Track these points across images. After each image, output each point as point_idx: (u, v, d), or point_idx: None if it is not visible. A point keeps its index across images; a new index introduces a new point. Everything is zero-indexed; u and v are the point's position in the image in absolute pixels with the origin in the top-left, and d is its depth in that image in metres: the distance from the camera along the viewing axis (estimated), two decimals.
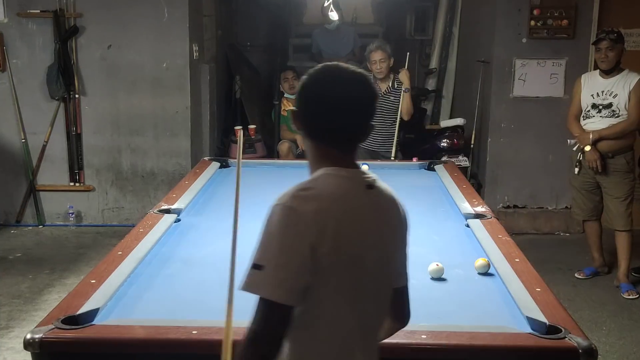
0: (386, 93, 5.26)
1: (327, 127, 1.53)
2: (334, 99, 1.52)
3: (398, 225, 1.61)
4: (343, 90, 1.52)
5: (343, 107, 1.51)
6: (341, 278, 1.47)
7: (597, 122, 4.50)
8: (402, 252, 1.64)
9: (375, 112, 1.57)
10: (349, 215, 1.48)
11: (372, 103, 1.56)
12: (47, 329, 1.84)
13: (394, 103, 5.23)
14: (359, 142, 1.57)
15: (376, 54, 5.16)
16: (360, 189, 1.53)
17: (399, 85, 5.23)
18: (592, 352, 1.78)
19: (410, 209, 3.30)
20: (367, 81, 1.55)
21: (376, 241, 1.53)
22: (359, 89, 1.53)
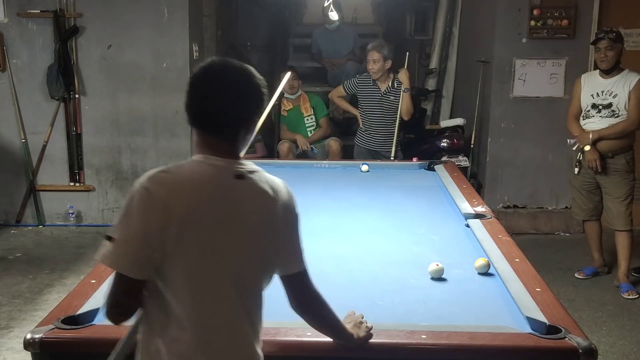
0: (386, 93, 5.26)
1: (198, 113, 1.59)
2: (204, 86, 1.58)
3: (273, 215, 1.62)
4: (214, 79, 1.58)
5: (212, 95, 1.57)
6: (190, 262, 1.53)
7: (597, 122, 4.50)
8: (286, 241, 1.67)
9: (256, 106, 1.62)
10: (204, 202, 1.53)
11: (244, 95, 1.59)
12: (47, 329, 1.84)
13: (394, 103, 5.23)
14: (233, 132, 1.61)
15: (371, 54, 5.19)
16: (226, 178, 1.57)
17: (398, 85, 5.23)
18: (592, 352, 1.78)
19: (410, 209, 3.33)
20: (244, 73, 1.61)
21: (238, 229, 1.57)
22: (231, 78, 1.59)
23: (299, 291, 1.72)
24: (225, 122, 1.59)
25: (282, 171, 4.11)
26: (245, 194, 1.59)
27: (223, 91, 1.58)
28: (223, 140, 1.60)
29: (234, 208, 1.57)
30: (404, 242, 2.81)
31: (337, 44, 7.02)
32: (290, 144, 5.87)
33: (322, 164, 4.38)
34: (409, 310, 2.12)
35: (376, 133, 5.36)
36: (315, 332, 1.85)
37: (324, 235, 2.87)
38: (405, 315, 2.07)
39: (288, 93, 5.94)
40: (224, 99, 1.58)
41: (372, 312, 2.10)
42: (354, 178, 3.98)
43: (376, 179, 3.96)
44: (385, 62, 5.17)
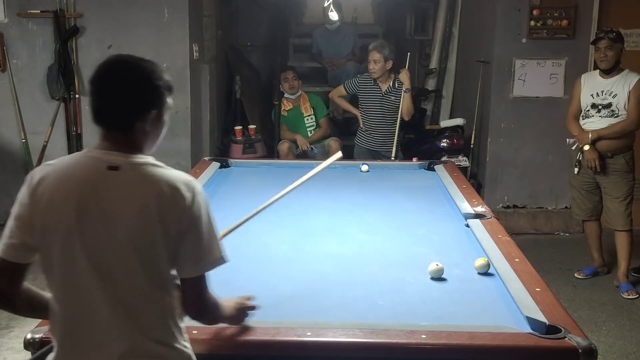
0: (387, 93, 5.27)
1: (91, 108, 1.66)
2: (95, 82, 1.65)
3: (147, 210, 1.57)
4: (103, 75, 1.65)
5: (100, 90, 1.64)
6: (56, 250, 1.59)
7: (597, 122, 4.50)
8: (175, 241, 1.60)
9: (146, 100, 1.64)
10: (68, 192, 1.58)
11: (131, 89, 1.62)
12: (47, 328, 1.84)
13: (394, 103, 5.24)
14: (124, 125, 1.63)
15: (372, 54, 5.21)
16: (98, 169, 1.59)
17: (399, 85, 5.23)
18: (592, 352, 1.78)
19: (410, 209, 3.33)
20: (133, 68, 1.65)
21: (103, 221, 1.57)
22: (119, 74, 1.64)
23: (189, 296, 1.67)
24: (113, 115, 1.63)
25: (282, 171, 4.14)
26: (115, 186, 1.59)
27: (109, 86, 1.62)
28: (117, 133, 1.63)
29: (99, 199, 1.57)
30: (404, 242, 2.82)
31: (337, 44, 7.02)
32: (290, 144, 5.87)
33: None
34: (408, 310, 2.13)
35: (377, 133, 5.37)
36: (316, 332, 1.86)
37: (324, 235, 2.88)
38: (405, 315, 2.07)
39: (288, 93, 5.94)
40: (110, 93, 1.62)
41: (372, 312, 2.11)
42: (354, 178, 3.99)
43: (376, 179, 3.96)
44: (386, 62, 5.18)
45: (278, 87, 6.12)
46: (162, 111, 1.70)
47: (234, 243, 2.73)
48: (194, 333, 1.83)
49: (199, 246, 1.63)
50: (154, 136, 1.70)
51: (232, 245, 2.70)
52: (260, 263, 2.54)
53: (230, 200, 3.41)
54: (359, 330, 1.89)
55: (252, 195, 3.52)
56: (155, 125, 1.68)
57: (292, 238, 2.83)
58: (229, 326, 1.88)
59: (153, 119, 1.66)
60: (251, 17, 7.64)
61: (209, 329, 1.86)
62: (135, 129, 1.63)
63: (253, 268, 2.48)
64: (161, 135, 1.74)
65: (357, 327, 1.91)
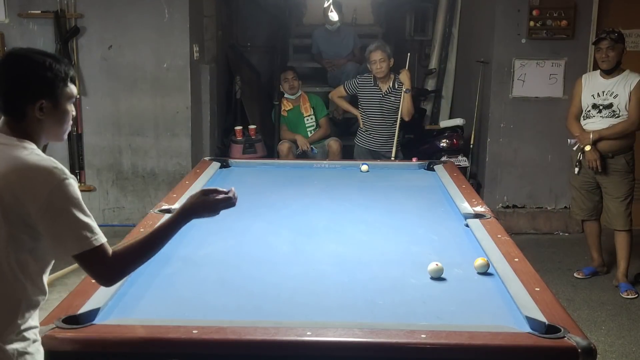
0: (387, 93, 5.28)
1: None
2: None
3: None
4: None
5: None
6: None
7: (598, 122, 4.51)
8: (19, 226, 1.69)
9: (19, 87, 1.75)
10: None
11: (5, 77, 1.75)
12: (47, 328, 1.85)
13: (395, 103, 5.25)
14: (2, 112, 1.78)
15: (376, 54, 5.22)
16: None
17: (399, 85, 5.24)
18: (591, 351, 1.78)
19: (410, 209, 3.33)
20: (8, 60, 1.79)
21: None
22: (2, 64, 1.78)
23: (86, 271, 1.78)
24: (4, 104, 1.77)
25: (282, 171, 4.15)
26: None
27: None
28: (12, 120, 1.77)
29: None
30: (404, 241, 2.82)
31: (337, 45, 7.02)
32: (290, 144, 5.88)
33: (322, 164, 4.39)
34: (408, 309, 2.13)
35: (377, 133, 5.38)
36: (316, 332, 1.86)
37: (324, 235, 2.88)
38: (404, 315, 2.08)
39: (288, 93, 5.95)
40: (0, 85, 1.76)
41: (371, 311, 2.11)
42: (354, 178, 3.99)
43: (376, 179, 3.96)
44: (389, 60, 5.22)
45: (278, 88, 6.13)
46: (56, 100, 1.79)
47: (234, 243, 2.75)
48: (194, 333, 1.84)
49: (59, 230, 1.70)
50: (51, 124, 1.80)
51: (232, 245, 2.72)
52: (260, 263, 2.55)
53: None
54: (359, 330, 1.90)
55: (252, 195, 3.53)
56: (51, 114, 1.78)
57: (292, 238, 2.83)
58: (229, 326, 1.88)
59: (46, 107, 1.76)
60: (251, 17, 7.64)
61: (210, 329, 1.87)
62: (29, 117, 1.76)
63: (253, 268, 2.49)
64: (64, 123, 1.84)
65: (357, 327, 1.92)
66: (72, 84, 1.85)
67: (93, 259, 1.73)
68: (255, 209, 3.24)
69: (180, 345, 1.83)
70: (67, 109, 1.84)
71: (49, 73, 1.76)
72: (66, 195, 1.72)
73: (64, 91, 1.81)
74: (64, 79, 1.80)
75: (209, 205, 1.94)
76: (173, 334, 1.85)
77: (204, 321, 1.94)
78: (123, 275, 1.84)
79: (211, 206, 1.94)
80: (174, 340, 1.83)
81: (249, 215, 3.13)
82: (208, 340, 1.83)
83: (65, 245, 1.72)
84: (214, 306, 2.13)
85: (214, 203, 1.94)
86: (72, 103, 1.86)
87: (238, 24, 7.63)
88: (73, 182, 1.76)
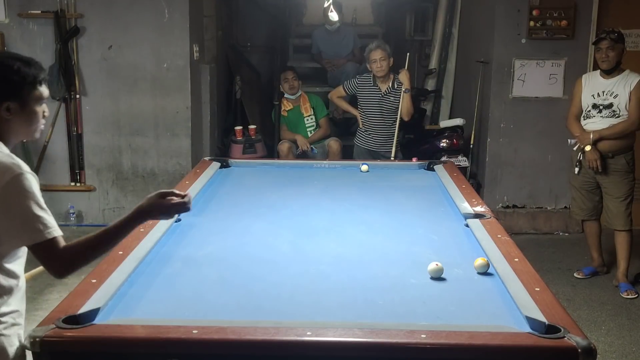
0: (386, 93, 5.28)
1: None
2: None
3: None
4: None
5: None
6: None
7: (598, 122, 4.51)
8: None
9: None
10: None
11: None
12: (48, 328, 1.85)
13: (394, 103, 5.25)
14: None
15: (376, 53, 5.22)
16: None
17: (399, 85, 5.25)
18: (591, 351, 1.78)
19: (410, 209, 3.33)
20: None
21: None
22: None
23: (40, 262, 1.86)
24: None
25: (282, 171, 4.14)
26: None
27: None
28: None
29: None
30: (404, 241, 2.82)
31: (337, 45, 7.03)
32: (291, 144, 5.88)
33: (322, 164, 4.39)
34: (408, 309, 2.13)
35: (376, 133, 5.38)
36: (316, 331, 1.86)
37: (324, 235, 2.88)
38: (404, 315, 2.08)
39: (288, 93, 5.95)
40: None
41: (371, 311, 2.11)
42: (354, 178, 3.99)
43: (376, 179, 3.96)
44: (389, 59, 5.23)
45: (278, 88, 6.13)
46: (23, 102, 1.92)
47: (234, 243, 2.75)
48: (194, 333, 1.84)
49: (13, 222, 1.81)
50: (19, 124, 1.94)
51: (232, 245, 2.72)
52: (261, 263, 2.55)
53: (230, 200, 3.42)
54: (359, 330, 1.90)
55: (252, 195, 3.54)
56: (18, 114, 1.92)
57: (292, 238, 2.83)
58: (229, 326, 1.89)
59: (13, 108, 1.90)
60: (251, 17, 7.64)
61: (210, 329, 1.87)
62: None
63: (253, 268, 2.49)
64: (33, 124, 1.98)
65: (357, 327, 1.92)
66: (42, 86, 1.98)
67: (46, 251, 1.83)
68: (255, 209, 3.24)
69: (180, 345, 1.83)
70: (35, 109, 1.97)
71: (15, 76, 1.89)
72: (21, 189, 1.81)
73: (31, 93, 1.94)
74: (32, 82, 1.93)
75: (164, 208, 2.00)
76: (173, 334, 1.85)
77: (204, 321, 1.93)
78: (74, 268, 1.89)
79: (166, 209, 2.00)
80: (174, 340, 1.83)
81: (249, 215, 3.13)
82: (208, 340, 1.83)
83: (20, 237, 1.83)
84: (214, 306, 2.13)
85: (170, 207, 2.00)
86: (42, 104, 1.99)
87: (238, 24, 7.64)
88: (30, 177, 1.84)
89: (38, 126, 2.00)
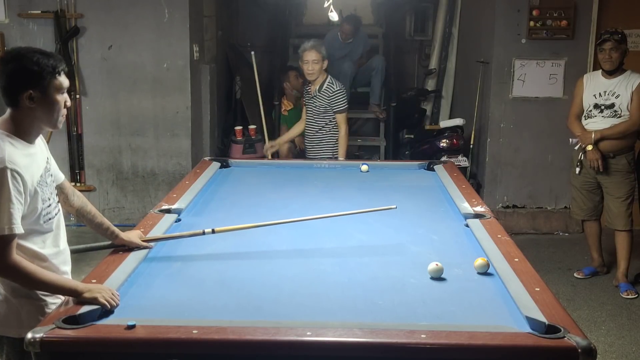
0: (314, 95, 4.96)
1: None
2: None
3: None
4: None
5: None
6: None
7: (599, 122, 4.51)
8: None
9: (5, 83, 2.03)
10: None
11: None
12: (48, 328, 1.85)
13: (320, 108, 4.95)
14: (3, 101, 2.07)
15: (310, 54, 4.81)
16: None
17: (327, 87, 4.91)
18: (591, 351, 1.78)
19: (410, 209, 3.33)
20: (2, 58, 2.07)
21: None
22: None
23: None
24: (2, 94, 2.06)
25: (282, 171, 4.14)
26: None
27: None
28: (10, 108, 2.07)
29: None
30: (404, 241, 2.82)
31: (349, 52, 6.88)
32: (290, 144, 5.87)
33: (322, 164, 4.39)
34: (408, 309, 2.13)
35: (306, 137, 5.11)
36: (316, 331, 1.86)
37: (324, 235, 2.88)
38: (404, 315, 2.08)
39: (292, 94, 5.91)
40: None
41: (371, 311, 2.11)
42: (354, 178, 3.99)
43: (376, 179, 3.96)
44: (323, 62, 4.85)
45: (279, 87, 6.12)
46: (45, 90, 2.04)
47: (234, 243, 2.75)
48: (194, 333, 1.84)
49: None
50: (42, 112, 2.06)
51: (232, 245, 2.72)
52: (261, 263, 2.55)
53: (230, 200, 3.42)
54: (359, 330, 1.90)
55: (252, 195, 3.54)
56: (40, 103, 2.04)
57: (292, 238, 2.83)
58: (229, 326, 1.89)
59: (35, 97, 2.03)
60: (251, 17, 7.64)
61: (210, 329, 1.87)
62: (22, 106, 2.04)
63: (253, 268, 2.49)
64: (54, 112, 2.08)
65: (357, 327, 1.92)
66: (61, 76, 2.08)
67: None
68: (255, 209, 3.24)
69: (180, 345, 1.83)
70: (56, 98, 2.07)
71: (35, 67, 2.02)
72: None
73: (52, 82, 2.05)
74: (51, 72, 2.04)
75: (94, 300, 2.02)
76: (173, 334, 1.85)
77: (204, 321, 1.94)
78: (7, 276, 2.05)
79: (94, 301, 2.02)
80: (174, 340, 1.83)
81: (249, 215, 3.13)
82: (208, 340, 1.84)
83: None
84: (214, 306, 2.13)
85: (95, 301, 2.02)
86: (62, 93, 2.09)
87: (238, 24, 7.64)
88: (8, 173, 1.95)
89: (60, 115, 2.11)
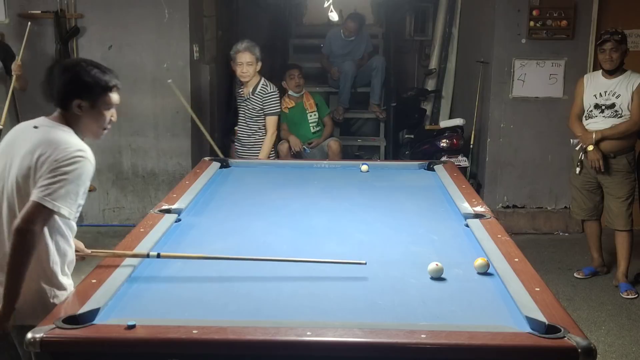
0: (247, 98, 4.92)
1: None
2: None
3: (32, 154, 2.16)
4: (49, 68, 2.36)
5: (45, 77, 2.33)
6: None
7: (600, 122, 4.51)
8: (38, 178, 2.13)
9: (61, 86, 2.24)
10: (7, 139, 2.32)
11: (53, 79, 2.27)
12: (48, 328, 1.85)
13: (253, 111, 4.92)
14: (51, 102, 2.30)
15: (243, 56, 4.74)
16: (29, 126, 2.29)
17: (260, 90, 4.89)
18: (591, 351, 1.78)
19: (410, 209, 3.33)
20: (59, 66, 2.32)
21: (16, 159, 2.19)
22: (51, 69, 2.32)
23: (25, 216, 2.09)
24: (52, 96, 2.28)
25: (282, 171, 4.14)
26: (32, 137, 2.21)
27: (51, 77, 2.29)
28: (59, 109, 2.28)
29: (20, 144, 2.21)
30: (404, 241, 2.82)
31: (350, 51, 6.88)
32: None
33: (322, 164, 4.39)
34: (408, 309, 2.13)
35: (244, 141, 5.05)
36: (316, 332, 1.86)
37: (324, 235, 2.88)
38: (404, 315, 2.08)
39: (294, 91, 5.91)
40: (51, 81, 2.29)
41: (372, 311, 2.11)
42: (354, 178, 3.99)
43: (376, 179, 3.96)
44: (257, 64, 4.78)
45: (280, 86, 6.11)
46: (93, 103, 2.23)
47: (234, 243, 2.75)
48: (194, 333, 1.84)
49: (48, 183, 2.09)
50: (87, 121, 2.25)
51: (232, 245, 2.72)
52: (260, 263, 2.55)
53: (230, 200, 3.42)
54: (359, 330, 1.90)
55: (252, 195, 3.53)
56: (88, 113, 2.24)
57: (292, 238, 2.83)
58: (229, 326, 1.89)
59: (84, 106, 2.22)
60: (251, 17, 7.64)
61: (210, 329, 1.87)
62: (70, 111, 2.24)
63: (253, 268, 2.48)
64: (99, 123, 2.28)
65: (357, 327, 1.92)
66: (113, 93, 2.26)
67: (38, 212, 2.07)
68: (255, 208, 3.24)
69: (180, 345, 1.83)
70: (103, 112, 2.25)
71: (90, 79, 2.21)
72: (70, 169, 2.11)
73: (102, 97, 2.23)
74: (104, 87, 2.22)
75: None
76: (173, 334, 1.85)
77: (204, 321, 1.93)
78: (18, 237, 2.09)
79: None
80: (174, 340, 1.83)
81: (249, 215, 3.13)
82: (208, 340, 1.84)
83: (36, 193, 2.08)
84: (214, 306, 2.13)
85: None
86: (110, 109, 2.27)
87: (238, 24, 7.63)
88: (86, 164, 2.15)
89: (103, 128, 2.29)
